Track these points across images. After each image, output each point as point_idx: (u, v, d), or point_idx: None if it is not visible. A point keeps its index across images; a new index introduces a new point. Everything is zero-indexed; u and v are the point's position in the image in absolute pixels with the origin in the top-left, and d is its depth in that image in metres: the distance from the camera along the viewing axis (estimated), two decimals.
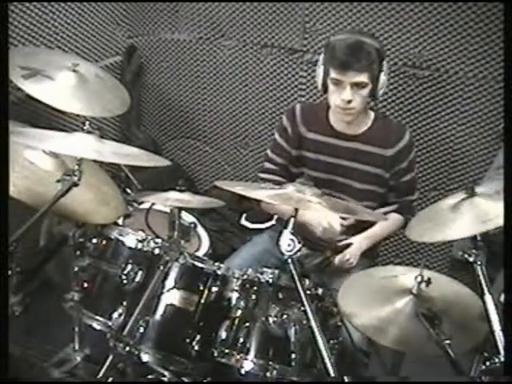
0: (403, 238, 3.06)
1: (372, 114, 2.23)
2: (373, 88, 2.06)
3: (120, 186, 2.12)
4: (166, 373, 1.84)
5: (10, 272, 1.59)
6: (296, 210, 1.55)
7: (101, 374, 1.68)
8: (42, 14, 2.74)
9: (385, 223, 2.23)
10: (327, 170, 2.23)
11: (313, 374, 1.75)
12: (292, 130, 2.25)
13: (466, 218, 1.51)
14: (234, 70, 3.16)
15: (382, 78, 2.07)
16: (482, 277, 1.50)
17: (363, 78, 2.02)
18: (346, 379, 1.46)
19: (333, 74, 2.04)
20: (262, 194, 1.64)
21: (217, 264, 1.86)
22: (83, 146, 1.62)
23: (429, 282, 1.62)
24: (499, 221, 1.43)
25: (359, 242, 2.17)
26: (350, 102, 2.05)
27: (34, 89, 1.90)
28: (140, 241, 1.86)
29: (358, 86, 2.03)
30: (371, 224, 2.22)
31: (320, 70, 2.10)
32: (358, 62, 2.00)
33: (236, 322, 1.79)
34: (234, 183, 2.21)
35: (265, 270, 1.81)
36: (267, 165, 2.32)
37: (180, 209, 1.86)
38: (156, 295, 1.78)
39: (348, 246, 2.11)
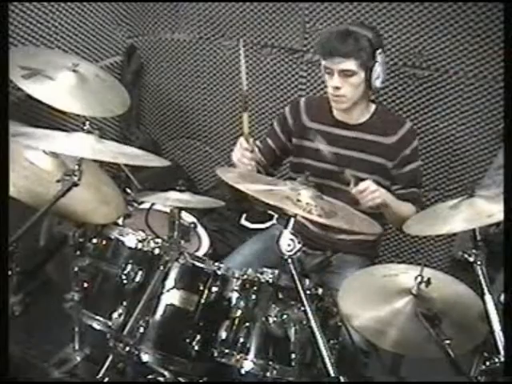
0: (403, 237, 3.06)
1: (373, 106, 2.24)
2: (366, 77, 2.08)
3: (120, 185, 2.12)
4: (165, 373, 1.84)
5: (10, 272, 1.59)
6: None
7: (101, 374, 1.68)
8: (41, 14, 2.75)
9: (404, 205, 2.16)
10: (328, 159, 2.23)
11: (313, 374, 1.75)
12: (294, 121, 2.28)
13: (464, 213, 1.52)
14: (234, 70, 3.16)
15: (378, 68, 2.08)
16: (481, 277, 1.50)
17: (350, 65, 2.04)
18: (342, 379, 1.46)
19: (323, 63, 2.10)
20: (255, 187, 1.64)
21: (217, 264, 1.86)
22: (84, 145, 1.63)
23: (429, 282, 1.62)
24: (498, 217, 1.43)
25: (384, 192, 2.08)
26: (338, 88, 2.08)
27: (34, 89, 1.89)
28: (140, 241, 1.86)
29: (345, 73, 2.06)
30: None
31: (322, 61, 2.14)
32: (342, 48, 2.03)
33: (236, 322, 1.79)
34: (234, 174, 2.19)
35: (265, 270, 1.81)
36: (257, 142, 2.36)
37: (180, 209, 1.86)
38: (156, 295, 1.78)
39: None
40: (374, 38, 2.08)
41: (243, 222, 3.07)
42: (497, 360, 1.46)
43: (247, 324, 1.77)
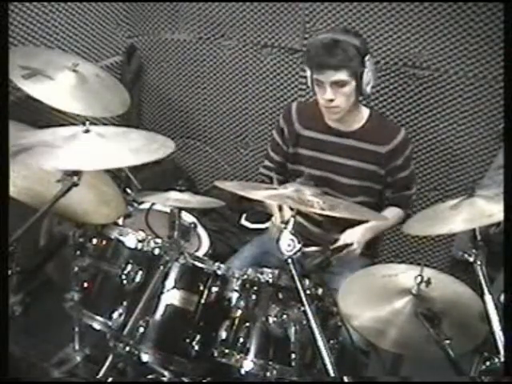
0: (403, 237, 3.06)
1: (367, 111, 2.24)
2: (357, 85, 2.07)
3: (120, 185, 2.12)
4: (165, 373, 1.84)
5: (10, 272, 1.59)
6: (296, 210, 1.55)
7: (101, 374, 1.68)
8: (42, 14, 2.74)
9: (386, 215, 2.23)
10: (322, 167, 2.24)
11: (313, 374, 1.75)
12: (288, 129, 2.29)
13: (464, 213, 1.52)
14: (234, 70, 3.16)
15: (367, 74, 2.07)
16: (481, 277, 1.50)
17: (341, 75, 2.03)
18: (345, 379, 1.46)
19: (314, 75, 2.08)
20: (260, 194, 1.64)
21: (217, 264, 1.86)
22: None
23: (428, 282, 1.62)
24: (498, 217, 1.43)
25: (362, 232, 2.15)
26: (331, 100, 2.07)
27: (34, 89, 1.90)
28: (140, 241, 1.86)
29: (337, 84, 2.04)
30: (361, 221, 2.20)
31: (308, 72, 2.13)
32: (332, 61, 2.01)
33: (236, 322, 1.79)
34: (234, 183, 2.23)
35: (265, 270, 1.81)
36: (266, 162, 2.42)
37: (180, 209, 1.86)
38: (156, 295, 1.78)
39: (348, 245, 2.11)
40: (360, 44, 2.05)
41: (243, 222, 3.07)
42: (497, 360, 1.46)
43: (247, 324, 1.77)
